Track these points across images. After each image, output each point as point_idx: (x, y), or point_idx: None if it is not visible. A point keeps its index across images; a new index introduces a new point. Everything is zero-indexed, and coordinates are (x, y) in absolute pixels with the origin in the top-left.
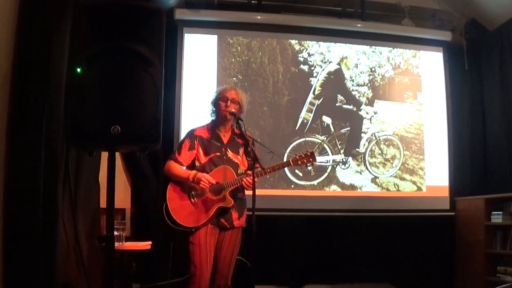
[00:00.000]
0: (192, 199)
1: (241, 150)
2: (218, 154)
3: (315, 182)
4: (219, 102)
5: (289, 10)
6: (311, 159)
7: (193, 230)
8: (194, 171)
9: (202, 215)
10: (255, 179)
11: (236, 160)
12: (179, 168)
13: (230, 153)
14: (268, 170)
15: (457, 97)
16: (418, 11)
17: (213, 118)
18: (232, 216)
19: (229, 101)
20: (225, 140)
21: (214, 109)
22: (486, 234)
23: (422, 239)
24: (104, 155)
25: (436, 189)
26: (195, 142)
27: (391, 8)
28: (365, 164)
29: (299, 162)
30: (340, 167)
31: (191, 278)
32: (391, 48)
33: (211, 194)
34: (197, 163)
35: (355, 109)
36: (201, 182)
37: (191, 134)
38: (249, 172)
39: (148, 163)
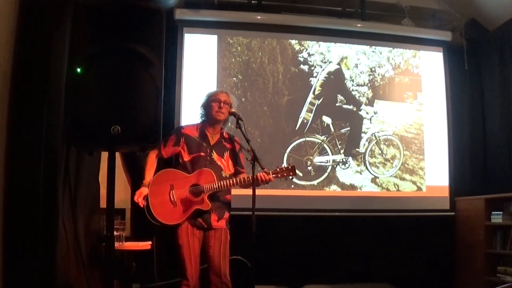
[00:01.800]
0: (171, 198)
1: (226, 154)
2: (202, 154)
3: (315, 182)
4: (211, 104)
5: (289, 10)
6: (291, 173)
7: (168, 227)
8: (146, 182)
9: (179, 214)
10: (232, 185)
11: (219, 163)
12: (150, 166)
13: (214, 155)
14: (248, 179)
15: (457, 97)
16: (418, 11)
17: (204, 119)
18: (211, 217)
19: (222, 103)
20: (212, 142)
21: (204, 112)
22: (486, 234)
23: (422, 239)
24: (104, 155)
25: (436, 189)
26: (181, 140)
27: (391, 8)
28: (365, 164)
29: (279, 175)
30: (340, 167)
31: (183, 278)
32: (391, 48)
33: (190, 196)
34: (180, 160)
35: (355, 109)
36: (136, 195)
37: (178, 131)
38: (223, 176)
39: None
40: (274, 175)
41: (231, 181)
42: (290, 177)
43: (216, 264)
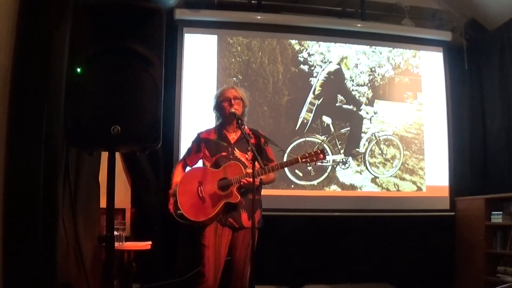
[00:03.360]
0: (200, 194)
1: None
2: (224, 153)
3: (315, 182)
4: (222, 104)
5: (289, 10)
6: (320, 156)
7: (200, 224)
8: (172, 194)
9: (209, 209)
10: (260, 176)
11: (243, 159)
12: (176, 175)
13: (237, 152)
14: (276, 166)
15: (457, 97)
16: (418, 11)
17: (221, 120)
18: (241, 216)
19: (232, 100)
20: (232, 140)
21: (218, 114)
22: (486, 234)
23: (422, 239)
24: (104, 155)
25: (436, 189)
26: (201, 145)
27: (391, 8)
28: (365, 164)
29: (308, 160)
30: (340, 167)
31: (200, 278)
32: (391, 48)
33: (218, 190)
34: (206, 164)
35: (355, 109)
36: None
37: (197, 138)
38: (248, 171)
39: (148, 163)
40: (303, 160)
41: (257, 171)
42: (320, 162)
43: (241, 268)
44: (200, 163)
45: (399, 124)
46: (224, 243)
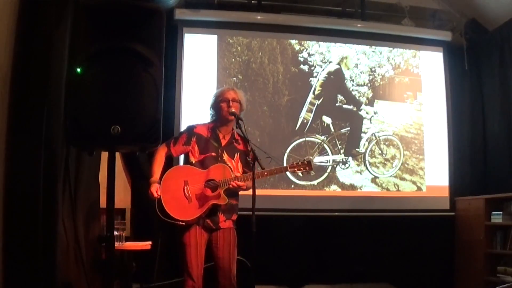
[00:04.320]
0: (186, 193)
1: (236, 156)
2: (213, 154)
3: (315, 182)
4: (220, 104)
5: (289, 10)
6: (307, 168)
7: (183, 224)
8: (156, 179)
9: (195, 209)
10: (248, 181)
11: (229, 164)
12: (158, 163)
13: (225, 156)
14: (265, 173)
15: (457, 97)
16: (418, 11)
17: (215, 119)
18: (219, 217)
19: (230, 102)
20: (223, 142)
21: (214, 112)
22: (486, 234)
23: (422, 239)
24: (104, 155)
25: (436, 189)
26: (192, 139)
27: (391, 8)
28: (365, 164)
29: (296, 169)
30: (340, 167)
31: (185, 277)
32: (391, 48)
33: (207, 190)
34: (192, 159)
35: (355, 109)
36: (150, 190)
37: (190, 130)
38: (237, 175)
39: (148, 163)
40: (291, 170)
41: (246, 175)
42: (306, 172)
43: (226, 266)
44: (181, 157)
45: (399, 124)
46: (203, 244)
